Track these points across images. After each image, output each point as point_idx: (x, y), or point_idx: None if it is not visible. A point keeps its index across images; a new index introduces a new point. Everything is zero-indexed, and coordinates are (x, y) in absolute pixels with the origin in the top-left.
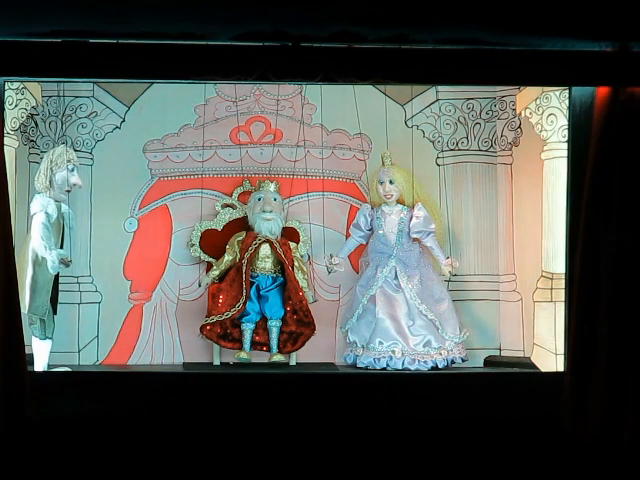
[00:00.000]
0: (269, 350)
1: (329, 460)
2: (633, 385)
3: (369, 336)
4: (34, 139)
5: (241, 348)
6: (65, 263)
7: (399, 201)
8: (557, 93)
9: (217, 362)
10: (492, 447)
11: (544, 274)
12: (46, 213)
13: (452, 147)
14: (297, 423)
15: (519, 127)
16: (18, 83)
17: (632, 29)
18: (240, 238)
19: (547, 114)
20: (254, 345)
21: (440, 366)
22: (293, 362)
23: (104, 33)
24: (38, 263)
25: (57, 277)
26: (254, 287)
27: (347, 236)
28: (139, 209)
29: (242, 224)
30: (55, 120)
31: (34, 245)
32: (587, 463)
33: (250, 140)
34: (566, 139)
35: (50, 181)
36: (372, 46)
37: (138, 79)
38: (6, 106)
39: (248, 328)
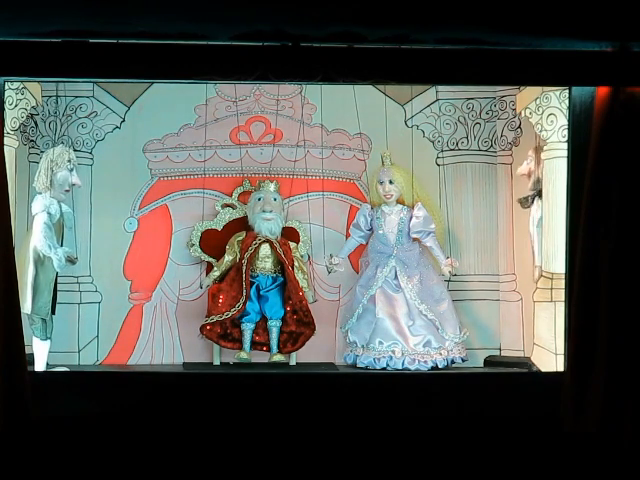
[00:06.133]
0: (269, 350)
1: (329, 460)
2: (633, 385)
3: (369, 336)
4: (34, 139)
5: (241, 348)
6: (72, 260)
7: (399, 201)
8: (557, 93)
9: (217, 362)
10: (492, 447)
11: (544, 274)
12: (48, 213)
13: (452, 147)
14: (297, 423)
15: (519, 127)
16: (18, 83)
17: (632, 29)
18: (240, 238)
19: (547, 114)
20: (254, 345)
21: (440, 366)
22: (293, 362)
23: (104, 33)
24: (40, 263)
25: (56, 277)
26: (254, 287)
27: (347, 236)
28: (139, 209)
29: (242, 224)
30: (55, 120)
31: (37, 245)
32: (587, 463)
33: (250, 140)
34: (566, 139)
35: (50, 181)
36: (372, 46)
37: (138, 79)
38: (6, 106)
39: (248, 328)
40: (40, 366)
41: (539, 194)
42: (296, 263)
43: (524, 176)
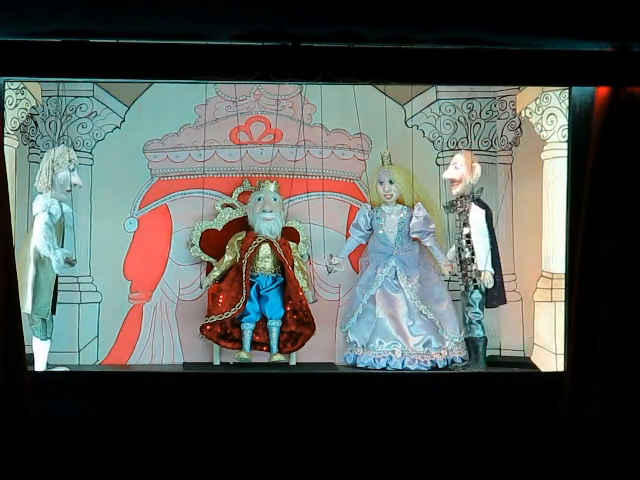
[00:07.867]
0: (269, 350)
1: (329, 460)
2: (633, 385)
3: (369, 336)
4: (34, 139)
5: (241, 348)
6: (70, 262)
7: (399, 201)
8: (557, 93)
9: (217, 362)
10: (492, 447)
11: (544, 274)
12: (49, 213)
13: (452, 147)
14: (297, 423)
15: (519, 127)
16: (18, 83)
17: (632, 29)
18: (240, 238)
19: (547, 114)
20: (254, 345)
21: (440, 366)
22: (293, 362)
23: (104, 33)
24: (41, 263)
25: (56, 277)
26: (254, 287)
27: (347, 236)
28: (139, 209)
29: (242, 224)
30: (55, 120)
31: (37, 245)
32: (587, 463)
33: (250, 140)
34: (566, 139)
35: (52, 181)
36: (372, 46)
37: (138, 79)
38: (6, 106)
39: (248, 328)
40: (40, 366)
41: (472, 198)
42: (296, 263)
43: (454, 181)
